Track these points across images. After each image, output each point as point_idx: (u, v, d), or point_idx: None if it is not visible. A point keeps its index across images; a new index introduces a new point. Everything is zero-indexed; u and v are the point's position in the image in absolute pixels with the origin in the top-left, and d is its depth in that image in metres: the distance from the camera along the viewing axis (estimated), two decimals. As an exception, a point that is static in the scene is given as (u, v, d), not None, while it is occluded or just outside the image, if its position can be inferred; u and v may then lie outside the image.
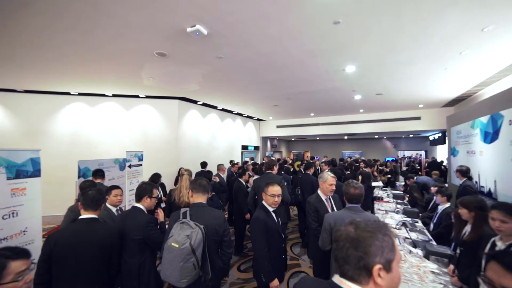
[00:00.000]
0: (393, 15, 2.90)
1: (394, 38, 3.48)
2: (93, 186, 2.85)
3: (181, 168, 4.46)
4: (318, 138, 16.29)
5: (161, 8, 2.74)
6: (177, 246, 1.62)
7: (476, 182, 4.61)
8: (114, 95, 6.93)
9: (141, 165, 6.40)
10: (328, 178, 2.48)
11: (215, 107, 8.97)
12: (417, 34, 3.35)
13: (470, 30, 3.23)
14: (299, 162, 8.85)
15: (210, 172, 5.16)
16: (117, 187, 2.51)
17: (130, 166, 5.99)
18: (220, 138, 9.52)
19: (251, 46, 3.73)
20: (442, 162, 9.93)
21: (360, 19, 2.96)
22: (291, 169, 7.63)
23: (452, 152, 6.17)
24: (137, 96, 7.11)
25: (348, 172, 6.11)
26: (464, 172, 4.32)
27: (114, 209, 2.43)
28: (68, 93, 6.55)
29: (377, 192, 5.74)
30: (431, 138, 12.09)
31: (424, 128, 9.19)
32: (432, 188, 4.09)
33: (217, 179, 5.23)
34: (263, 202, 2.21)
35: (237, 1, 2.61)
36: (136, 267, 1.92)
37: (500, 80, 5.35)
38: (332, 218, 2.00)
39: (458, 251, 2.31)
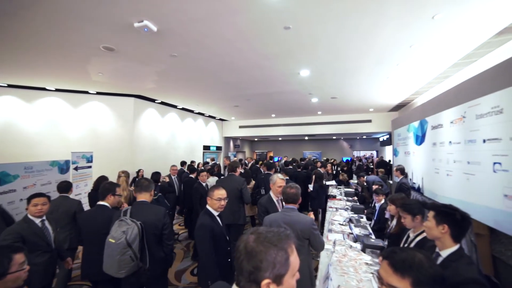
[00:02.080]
0: (337, 26, 3.12)
1: (340, 47, 3.74)
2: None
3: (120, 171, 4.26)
4: (280, 139, 16.74)
5: (103, -1, 2.55)
6: (113, 241, 1.83)
7: (411, 179, 5.21)
8: (57, 90, 6.22)
9: (90, 167, 5.89)
10: (276, 180, 2.57)
11: (174, 106, 8.66)
12: (359, 45, 3.65)
13: (400, 46, 3.64)
14: (260, 162, 9.00)
15: (158, 173, 5.03)
16: (39, 195, 2.22)
17: (76, 169, 5.47)
18: (180, 138, 9.21)
19: (205, 46, 3.69)
20: (389, 161, 10.98)
21: (308, 26, 3.12)
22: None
23: (394, 152, 6.89)
24: (87, 92, 6.50)
25: (300, 169, 6.39)
26: (403, 170, 4.86)
27: (37, 220, 2.16)
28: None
29: (331, 190, 6.11)
30: (381, 139, 13.26)
31: (374, 130, 10.02)
32: (373, 186, 4.50)
33: (167, 179, 5.21)
34: (207, 207, 2.18)
35: None
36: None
37: (428, 90, 6.11)
38: (268, 220, 2.07)
39: (386, 242, 2.59)
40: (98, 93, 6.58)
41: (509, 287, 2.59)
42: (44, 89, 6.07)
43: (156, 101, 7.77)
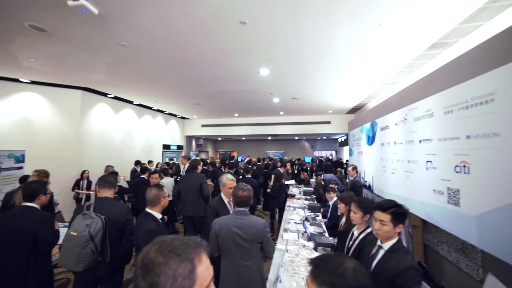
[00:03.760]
0: (294, 26, 3.13)
1: (298, 48, 3.78)
2: None
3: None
4: (244, 138, 16.72)
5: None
6: (75, 234, 1.84)
7: (363, 178, 5.56)
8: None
9: (21, 167, 5.09)
10: (226, 182, 2.45)
11: (130, 102, 8.02)
12: (316, 47, 3.73)
13: (353, 50, 3.81)
14: (226, 161, 8.88)
15: (115, 173, 4.90)
16: None
17: (-1, 170, 4.67)
18: (137, 136, 8.58)
19: (158, 37, 3.43)
20: (347, 161, 11.65)
21: (265, 23, 3.08)
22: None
23: (350, 152, 7.32)
24: (17, 80, 5.58)
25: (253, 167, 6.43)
26: (356, 169, 5.15)
27: None
28: None
29: (291, 190, 6.21)
30: (339, 140, 14.09)
31: (333, 131, 10.51)
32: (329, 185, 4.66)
33: (126, 178, 5.07)
34: (150, 211, 2.00)
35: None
36: (25, 266, 2.00)
37: (379, 95, 6.61)
38: (217, 224, 1.95)
39: (336, 240, 2.67)
40: (33, 83, 5.72)
41: (435, 269, 2.97)
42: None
43: (108, 96, 7.09)
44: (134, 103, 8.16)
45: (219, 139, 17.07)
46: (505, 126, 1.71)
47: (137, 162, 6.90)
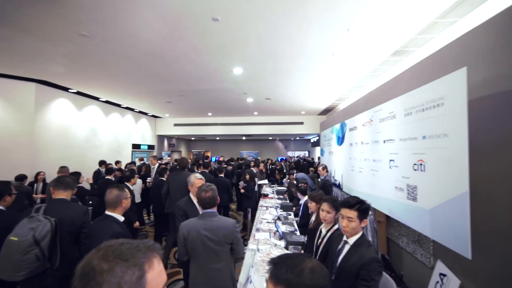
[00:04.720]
0: (267, 26, 3.15)
1: (271, 48, 3.81)
2: None
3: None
4: (218, 138, 16.51)
5: None
6: (16, 239, 1.66)
7: (333, 177, 5.78)
8: None
9: (-42, 170, 4.47)
10: (194, 181, 2.37)
11: (96, 98, 7.46)
12: (289, 47, 3.78)
13: (324, 52, 3.94)
14: (199, 161, 8.69)
15: (78, 173, 4.57)
16: None
17: None
18: (104, 135, 8.03)
19: (123, 28, 3.23)
20: (319, 161, 12.04)
21: (238, 21, 3.05)
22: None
23: (321, 152, 7.57)
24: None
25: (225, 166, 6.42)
26: (326, 168, 5.33)
27: None
28: None
29: (265, 189, 6.24)
30: (312, 140, 14.50)
31: (306, 132, 10.79)
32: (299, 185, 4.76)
33: (90, 180, 4.82)
34: (112, 214, 1.86)
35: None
36: None
37: (349, 97, 6.94)
38: (185, 227, 1.88)
39: (306, 238, 2.72)
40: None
41: (396, 260, 3.22)
42: None
43: (70, 90, 6.52)
44: (100, 99, 7.61)
45: (193, 138, 16.65)
46: (452, 127, 1.89)
47: (102, 163, 6.43)
